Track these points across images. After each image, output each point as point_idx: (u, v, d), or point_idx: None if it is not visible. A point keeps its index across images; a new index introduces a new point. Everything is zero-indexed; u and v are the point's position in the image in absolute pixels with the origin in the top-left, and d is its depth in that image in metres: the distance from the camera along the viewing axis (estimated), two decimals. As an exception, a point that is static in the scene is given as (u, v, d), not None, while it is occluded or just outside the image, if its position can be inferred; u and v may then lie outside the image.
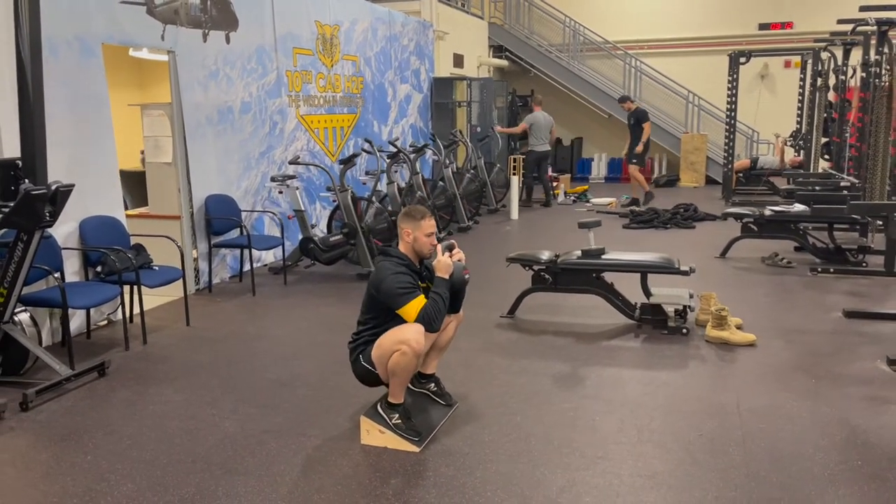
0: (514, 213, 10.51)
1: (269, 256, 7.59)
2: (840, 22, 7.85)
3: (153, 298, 5.73)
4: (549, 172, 12.40)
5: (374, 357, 3.47)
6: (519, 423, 3.73)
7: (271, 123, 7.57)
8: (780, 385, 4.17)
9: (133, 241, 5.45)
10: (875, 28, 7.19)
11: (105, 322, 5.53)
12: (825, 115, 11.22)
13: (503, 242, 8.81)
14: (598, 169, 15.75)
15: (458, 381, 4.20)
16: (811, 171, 11.30)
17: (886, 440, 3.47)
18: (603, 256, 5.35)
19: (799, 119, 12.81)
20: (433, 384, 3.89)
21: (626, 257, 5.45)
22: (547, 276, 5.45)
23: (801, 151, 12.36)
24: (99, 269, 5.13)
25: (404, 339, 3.34)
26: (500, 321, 5.50)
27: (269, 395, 4.17)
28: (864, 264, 7.02)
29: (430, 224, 3.54)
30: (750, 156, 13.37)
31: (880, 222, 7.43)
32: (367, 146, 8.21)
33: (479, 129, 12.34)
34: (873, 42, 8.00)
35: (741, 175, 12.28)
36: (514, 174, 11.40)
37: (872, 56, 8.03)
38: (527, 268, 5.53)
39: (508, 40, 15.33)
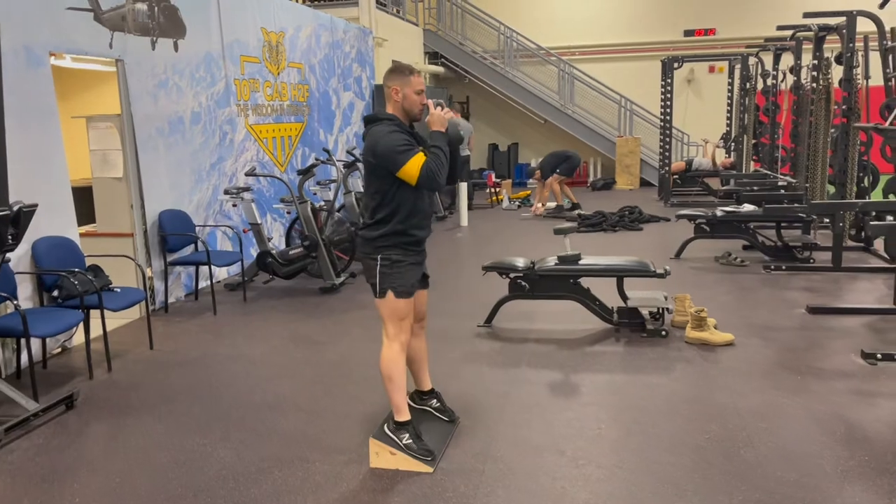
0: (464, 219, 10.48)
1: (223, 273, 7.31)
2: (780, 28, 8.16)
3: (106, 322, 5.39)
4: (492, 177, 12.45)
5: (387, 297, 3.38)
6: (526, 435, 3.68)
7: (221, 134, 7.29)
8: (769, 383, 4.26)
9: (88, 261, 5.13)
10: (813, 34, 7.50)
11: (59, 350, 5.18)
12: (754, 117, 11.68)
13: (461, 250, 8.76)
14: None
15: (452, 395, 4.10)
16: (743, 171, 11.75)
17: (884, 434, 3.57)
18: (579, 262, 5.36)
19: (729, 122, 13.28)
20: (434, 400, 3.80)
21: (603, 262, 5.48)
22: (524, 284, 5.42)
23: (733, 153, 12.83)
24: (56, 293, 4.79)
25: (384, 349, 3.36)
26: (478, 331, 5.44)
27: (259, 419, 3.97)
28: (811, 260, 7.30)
29: (419, 80, 3.32)
30: (685, 158, 13.76)
31: (827, 219, 7.77)
32: (325, 155, 8.02)
33: None
34: (809, 47, 8.37)
35: (677, 177, 12.63)
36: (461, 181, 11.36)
37: (805, 61, 8.40)
38: (503, 275, 5.49)
39: (443, 47, 15.34)
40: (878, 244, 7.62)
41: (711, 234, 7.74)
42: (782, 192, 8.66)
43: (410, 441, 3.36)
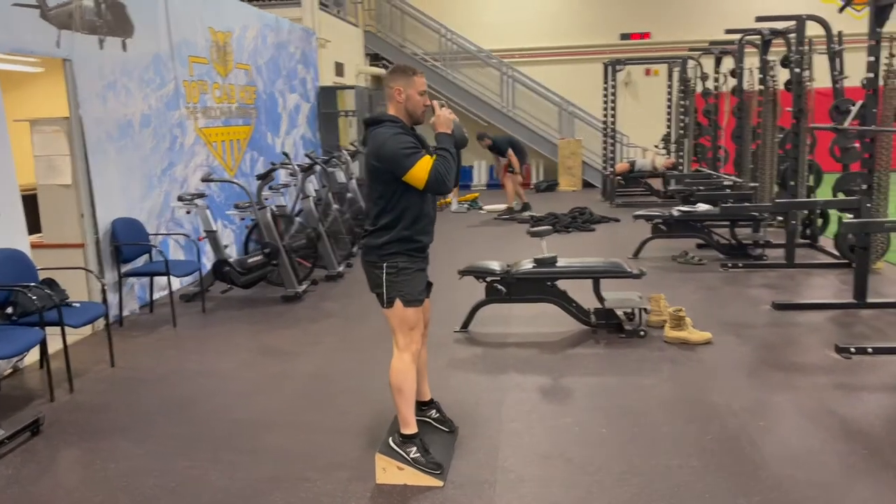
0: (417, 223, 10.34)
1: (175, 283, 6.97)
2: (728, 31, 8.36)
3: (57, 339, 4.99)
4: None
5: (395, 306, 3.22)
6: (530, 443, 3.60)
7: (171, 138, 6.97)
8: (756, 381, 4.31)
9: (40, 275, 4.78)
10: (760, 38, 7.72)
11: (11, 371, 4.82)
12: (694, 119, 11.99)
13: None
14: (479, 176, 15.93)
15: (445, 404, 3.94)
16: (684, 172, 12.03)
17: (877, 427, 3.65)
18: (556, 264, 5.33)
19: (668, 123, 13.59)
20: (434, 410, 3.68)
21: (579, 263, 5.47)
22: (501, 287, 5.35)
23: (673, 154, 13.14)
24: (10, 310, 4.44)
25: (393, 362, 3.22)
26: (455, 336, 5.34)
27: (246, 437, 3.77)
28: (764, 258, 7.50)
29: (422, 80, 3.22)
30: (627, 159, 14.01)
31: (780, 218, 8.01)
32: (284, 159, 7.78)
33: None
34: (751, 51, 8.62)
35: (620, 178, 12.83)
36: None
37: (748, 65, 8.65)
38: (480, 279, 5.41)
39: (384, 48, 15.18)
40: (824, 241, 7.92)
41: (668, 233, 7.87)
42: (728, 191, 8.90)
43: (418, 455, 3.24)
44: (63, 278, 4.95)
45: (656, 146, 13.61)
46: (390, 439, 3.31)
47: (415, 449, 3.25)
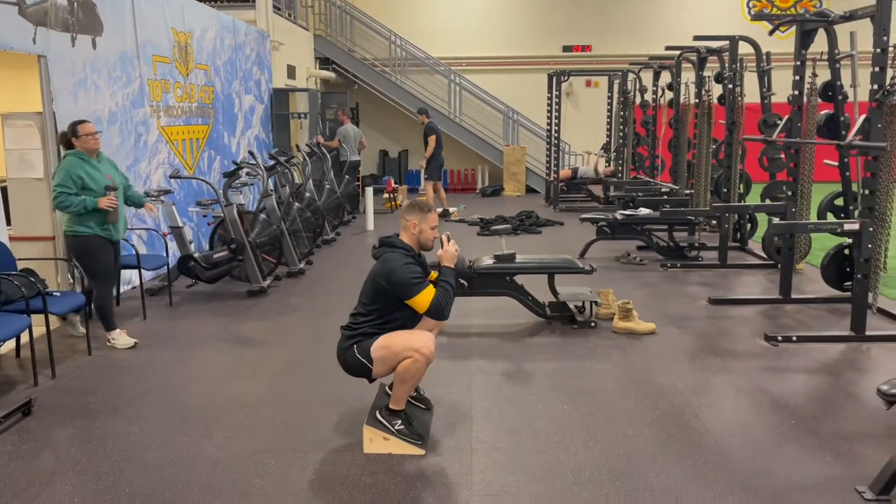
0: (371, 223, 10.65)
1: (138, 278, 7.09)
2: (668, 48, 8.95)
3: (33, 329, 5.12)
4: (391, 182, 12.70)
5: (376, 356, 3.50)
6: (499, 418, 3.97)
7: (136, 135, 7.10)
8: (697, 365, 4.80)
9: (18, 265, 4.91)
10: (696, 55, 8.32)
11: (-13, 358, 4.92)
12: (632, 129, 12.64)
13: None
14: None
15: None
16: (624, 179, 12.65)
17: (801, 402, 4.16)
18: (515, 260, 5.72)
19: (608, 133, 14.23)
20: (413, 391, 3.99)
21: (536, 260, 5.88)
22: (463, 282, 5.70)
23: (612, 162, 13.77)
24: (-7, 298, 4.56)
25: (415, 346, 3.44)
26: (420, 327, 5.66)
27: (235, 417, 4.02)
28: (699, 258, 8.09)
29: (435, 217, 3.67)
30: (570, 166, 14.59)
31: (714, 222, 8.61)
32: (250, 158, 7.96)
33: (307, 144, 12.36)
34: (687, 66, 9.24)
35: (563, 184, 13.38)
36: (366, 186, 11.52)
37: (683, 79, 9.27)
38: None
39: (334, 52, 15.39)
40: (752, 244, 8.57)
41: (612, 236, 8.39)
42: (665, 197, 9.51)
43: (403, 426, 3.56)
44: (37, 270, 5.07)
45: (599, 154, 14.19)
46: (377, 412, 3.62)
47: (399, 421, 3.57)
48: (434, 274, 3.69)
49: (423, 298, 3.47)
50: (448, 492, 3.20)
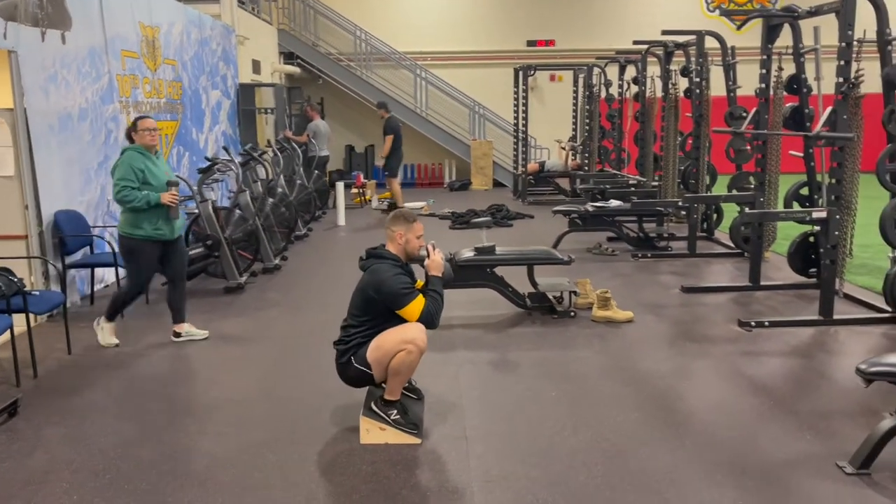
0: (342, 218, 10.64)
1: (111, 275, 7.00)
2: (636, 42, 9.12)
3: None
4: (361, 177, 12.70)
5: (372, 359, 3.56)
6: (491, 406, 4.05)
7: (106, 132, 6.99)
8: (675, 350, 4.94)
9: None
10: (663, 49, 8.50)
11: (-37, 360, 4.82)
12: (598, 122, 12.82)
13: (358, 245, 8.95)
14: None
15: (407, 377, 4.37)
16: (590, 172, 12.84)
17: (777, 384, 4.33)
18: (495, 252, 5.80)
19: (574, 126, 14.41)
20: (404, 381, 4.05)
21: (515, 251, 5.97)
22: (444, 275, 5.76)
23: (578, 155, 13.94)
24: (-28, 297, 4.47)
25: (409, 338, 3.49)
26: (402, 320, 5.71)
27: (227, 412, 4.02)
28: (669, 248, 8.28)
29: (420, 226, 3.75)
30: (537, 160, 14.73)
31: (683, 213, 8.81)
32: (223, 154, 7.90)
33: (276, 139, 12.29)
34: (652, 60, 9.41)
35: (531, 177, 13.51)
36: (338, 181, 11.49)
37: (649, 73, 9.44)
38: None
39: (298, 47, 15.30)
40: (719, 234, 8.80)
41: (583, 227, 8.52)
42: (633, 189, 9.69)
43: (398, 416, 3.61)
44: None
45: (569, 143, 14.27)
46: (372, 403, 3.66)
47: (395, 412, 3.62)
48: (420, 283, 3.75)
49: (414, 308, 3.54)
50: (448, 478, 3.26)
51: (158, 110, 8.32)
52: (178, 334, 5.28)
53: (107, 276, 6.84)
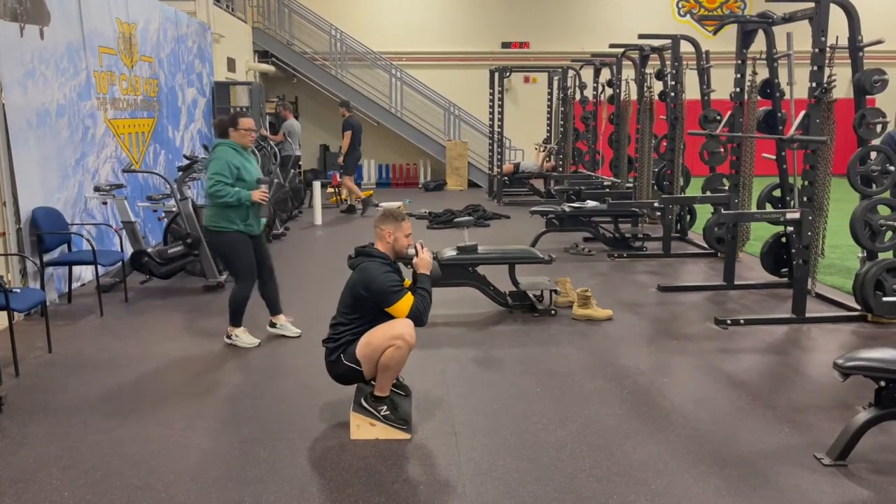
0: (318, 218, 10.63)
1: (89, 275, 6.93)
2: (612, 46, 9.25)
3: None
4: (337, 177, 12.69)
5: (361, 355, 3.60)
6: (477, 402, 4.11)
7: (83, 128, 6.92)
8: (655, 347, 5.05)
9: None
10: (639, 53, 8.64)
11: (-59, 358, 4.75)
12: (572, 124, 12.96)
13: (335, 244, 8.95)
14: (369, 174, 16.30)
15: (393, 374, 4.41)
16: (564, 173, 12.97)
17: (754, 379, 4.45)
18: (476, 251, 5.87)
19: (548, 128, 14.54)
20: (392, 377, 4.09)
21: (497, 251, 6.04)
22: (427, 273, 5.81)
23: (552, 157, 14.07)
24: (-48, 294, 4.42)
25: (398, 334, 3.54)
26: (385, 318, 5.74)
27: (216, 409, 4.03)
28: (644, 248, 8.42)
29: (408, 225, 3.81)
30: (512, 161, 14.84)
31: (658, 214, 8.96)
32: (201, 152, 7.85)
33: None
34: (627, 63, 9.56)
35: (506, 178, 13.61)
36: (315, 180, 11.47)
37: (624, 75, 9.59)
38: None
39: (272, 45, 15.23)
40: (693, 235, 8.97)
41: (560, 228, 8.63)
42: (608, 190, 9.83)
43: (388, 412, 3.66)
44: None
45: (544, 145, 14.39)
46: (362, 399, 3.70)
47: (385, 407, 3.67)
48: (408, 281, 3.80)
49: (403, 306, 3.58)
50: (439, 471, 3.31)
51: (135, 108, 8.25)
52: (273, 324, 5.33)
53: (84, 274, 6.77)
